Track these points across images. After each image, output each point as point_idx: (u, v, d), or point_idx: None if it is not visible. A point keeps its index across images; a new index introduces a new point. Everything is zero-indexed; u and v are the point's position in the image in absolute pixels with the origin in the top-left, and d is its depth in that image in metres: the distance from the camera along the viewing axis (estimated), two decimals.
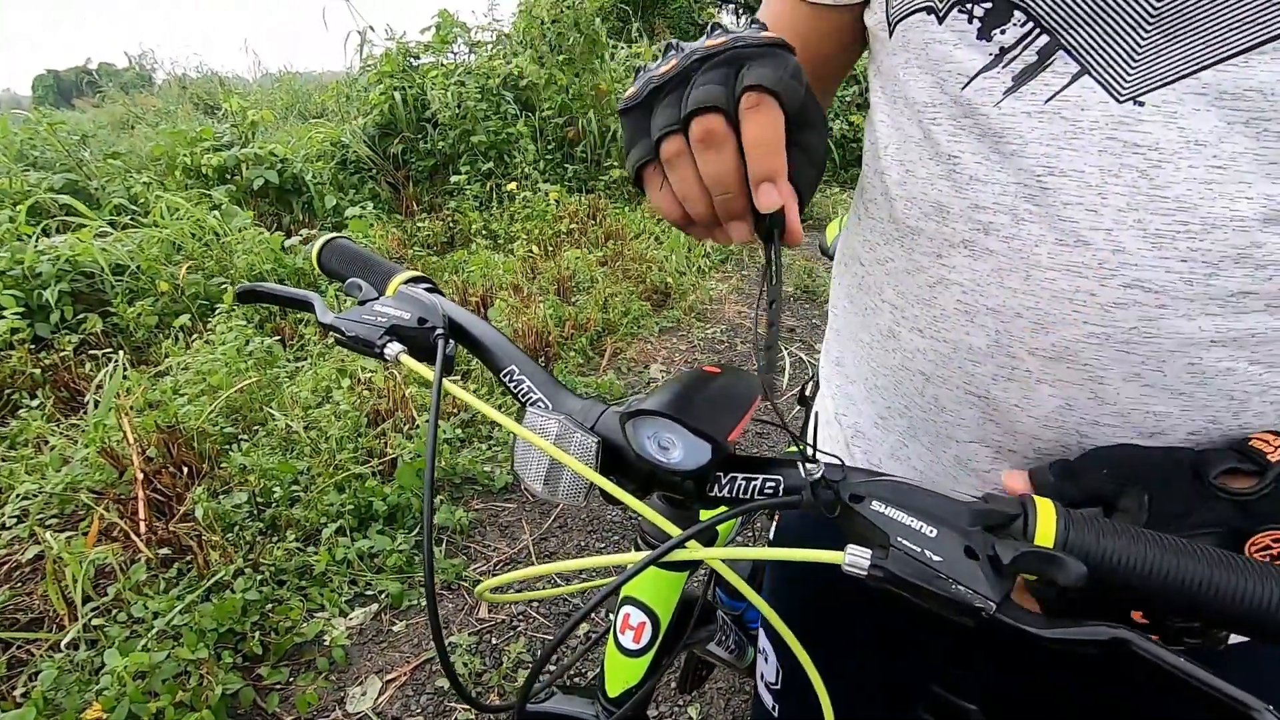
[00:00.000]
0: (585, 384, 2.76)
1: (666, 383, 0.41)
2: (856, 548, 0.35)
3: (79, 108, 10.14)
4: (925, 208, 0.52)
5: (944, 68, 0.49)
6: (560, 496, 0.43)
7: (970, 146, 0.48)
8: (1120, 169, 0.43)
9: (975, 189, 0.48)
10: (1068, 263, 0.46)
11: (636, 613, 0.56)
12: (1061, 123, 0.44)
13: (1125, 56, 0.42)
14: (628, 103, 0.39)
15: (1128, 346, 0.46)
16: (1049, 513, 0.36)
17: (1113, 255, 0.44)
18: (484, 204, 4.57)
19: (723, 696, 1.59)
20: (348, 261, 0.57)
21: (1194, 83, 0.41)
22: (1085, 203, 0.44)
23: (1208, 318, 0.44)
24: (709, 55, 0.37)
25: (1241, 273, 0.43)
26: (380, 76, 5.00)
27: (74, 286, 3.06)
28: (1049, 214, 0.46)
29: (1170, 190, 0.42)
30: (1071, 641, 0.32)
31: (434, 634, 0.40)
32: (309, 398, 2.42)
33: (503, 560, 1.98)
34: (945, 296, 0.52)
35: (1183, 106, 0.41)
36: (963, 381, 0.53)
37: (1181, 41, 0.41)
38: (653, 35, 6.91)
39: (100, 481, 1.98)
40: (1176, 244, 0.43)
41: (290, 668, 1.61)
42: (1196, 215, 0.42)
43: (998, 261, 0.48)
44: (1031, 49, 0.45)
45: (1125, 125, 0.43)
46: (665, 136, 0.38)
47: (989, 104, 0.47)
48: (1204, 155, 0.41)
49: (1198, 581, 0.34)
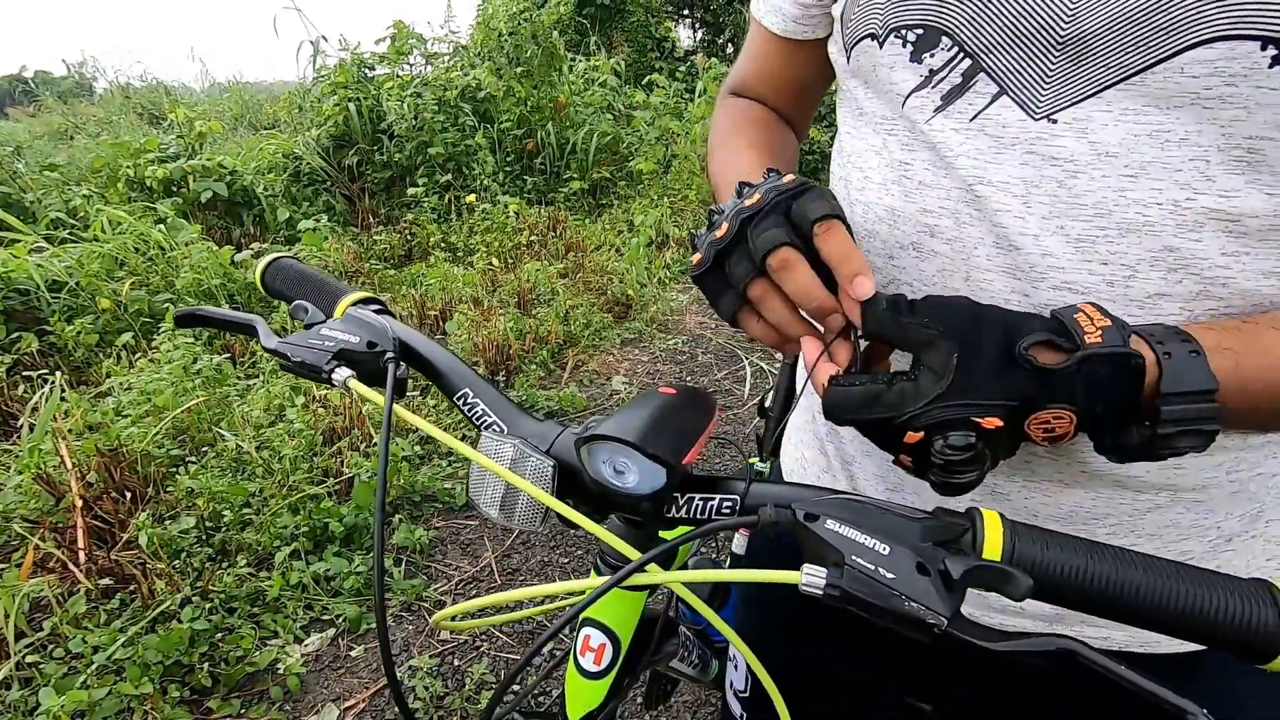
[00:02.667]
0: (547, 397, 2.74)
1: (623, 406, 0.41)
2: (812, 567, 0.35)
3: (13, 117, 9.69)
4: (879, 211, 0.55)
5: (887, 87, 0.53)
6: (516, 521, 0.43)
7: (921, 155, 0.52)
8: (1041, 179, 0.46)
9: (924, 193, 0.52)
10: (1003, 265, 0.49)
11: (596, 634, 0.55)
12: (986, 139, 0.48)
13: (1038, 79, 0.46)
14: (698, 269, 0.47)
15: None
16: (996, 526, 0.37)
17: (1041, 259, 0.47)
18: (442, 216, 4.52)
19: (689, 710, 1.59)
20: (294, 282, 0.55)
21: (1099, 101, 0.44)
22: (1013, 210, 0.47)
23: (1130, 318, 0.46)
24: (755, 212, 0.45)
25: (1157, 275, 0.45)
26: (334, 87, 4.91)
27: (7, 304, 2.92)
28: (985, 219, 0.49)
29: (1088, 198, 0.45)
30: (1020, 654, 0.33)
31: (385, 666, 0.39)
32: (261, 416, 2.35)
33: (465, 579, 1.95)
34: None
35: (1091, 122, 0.44)
36: None
37: (1085, 65, 0.44)
38: (610, 48, 6.96)
39: (35, 510, 1.88)
40: (1097, 248, 0.46)
41: (242, 699, 1.55)
42: (1113, 220, 0.45)
43: (942, 262, 0.51)
44: (956, 71, 0.48)
45: (1042, 140, 0.46)
46: (749, 283, 0.45)
47: (922, 120, 0.51)
48: (1115, 165, 0.44)
49: (1138, 590, 0.35)
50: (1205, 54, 0.40)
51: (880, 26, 0.52)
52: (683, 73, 6.95)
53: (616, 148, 5.45)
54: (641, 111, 5.76)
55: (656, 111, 5.78)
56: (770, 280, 0.45)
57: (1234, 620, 0.34)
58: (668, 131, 5.51)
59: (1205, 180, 0.43)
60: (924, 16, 0.49)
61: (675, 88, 6.36)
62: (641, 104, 5.91)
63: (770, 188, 0.45)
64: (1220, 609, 0.34)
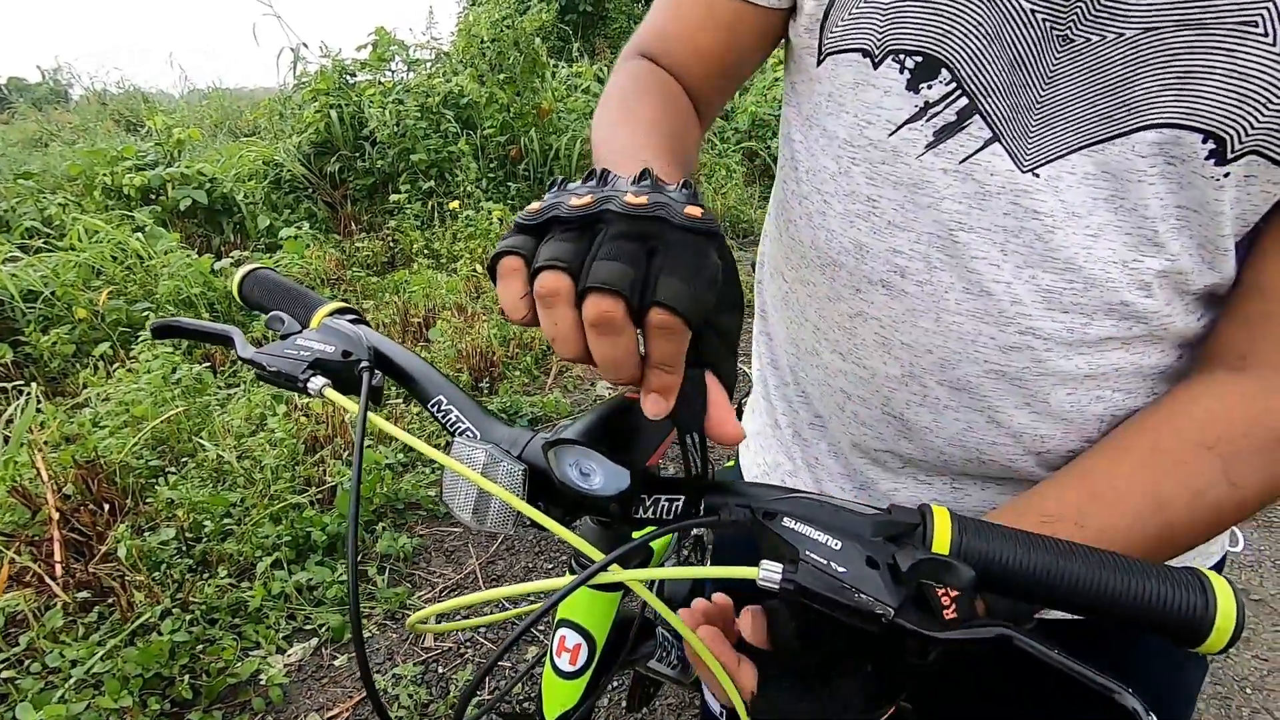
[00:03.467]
0: (531, 403, 2.74)
1: (589, 410, 0.42)
2: (770, 563, 0.37)
3: None
4: (845, 243, 0.55)
5: (873, 111, 0.51)
6: (489, 525, 0.44)
7: (888, 193, 0.52)
8: (1020, 230, 0.48)
9: (894, 234, 0.52)
10: (972, 309, 0.50)
11: (572, 635, 0.56)
12: (973, 184, 0.49)
13: (1024, 132, 0.47)
14: (529, 218, 0.34)
15: (1020, 382, 0.51)
16: (944, 520, 0.39)
17: (1010, 305, 0.49)
18: (426, 223, 4.51)
19: (673, 712, 1.60)
20: (270, 293, 0.56)
21: (1067, 163, 0.46)
22: (989, 258, 0.49)
23: (1082, 357, 0.50)
24: (627, 215, 0.32)
25: (1109, 323, 0.49)
26: (315, 94, 4.89)
27: None
28: (959, 264, 0.50)
29: (1061, 253, 0.47)
30: (961, 641, 0.35)
31: (364, 677, 0.40)
32: (242, 426, 2.33)
33: (449, 587, 1.95)
34: (864, 329, 0.56)
35: (1061, 183, 0.47)
36: (880, 403, 0.57)
37: (1059, 126, 0.46)
38: (593, 55, 6.99)
39: (11, 523, 1.86)
40: (1063, 298, 0.48)
41: (224, 711, 1.54)
42: (1080, 275, 0.47)
43: (912, 303, 0.52)
44: (952, 109, 0.49)
45: (1026, 193, 0.47)
46: (550, 269, 0.32)
47: (912, 155, 0.50)
48: (1080, 225, 0.47)
49: (1078, 579, 0.37)
50: (1155, 136, 0.44)
51: (876, 45, 0.50)
52: None
53: None
54: None
55: None
56: (576, 303, 0.32)
57: (1166, 606, 0.36)
58: None
59: (1153, 246, 0.46)
60: (924, 44, 0.48)
61: None
62: None
63: (665, 203, 0.33)
64: (1154, 596, 0.36)
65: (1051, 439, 0.53)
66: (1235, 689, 1.70)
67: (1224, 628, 0.35)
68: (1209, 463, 0.45)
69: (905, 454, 0.58)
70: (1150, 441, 0.47)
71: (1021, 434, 0.53)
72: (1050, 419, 0.52)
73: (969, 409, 0.53)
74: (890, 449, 0.59)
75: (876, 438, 0.59)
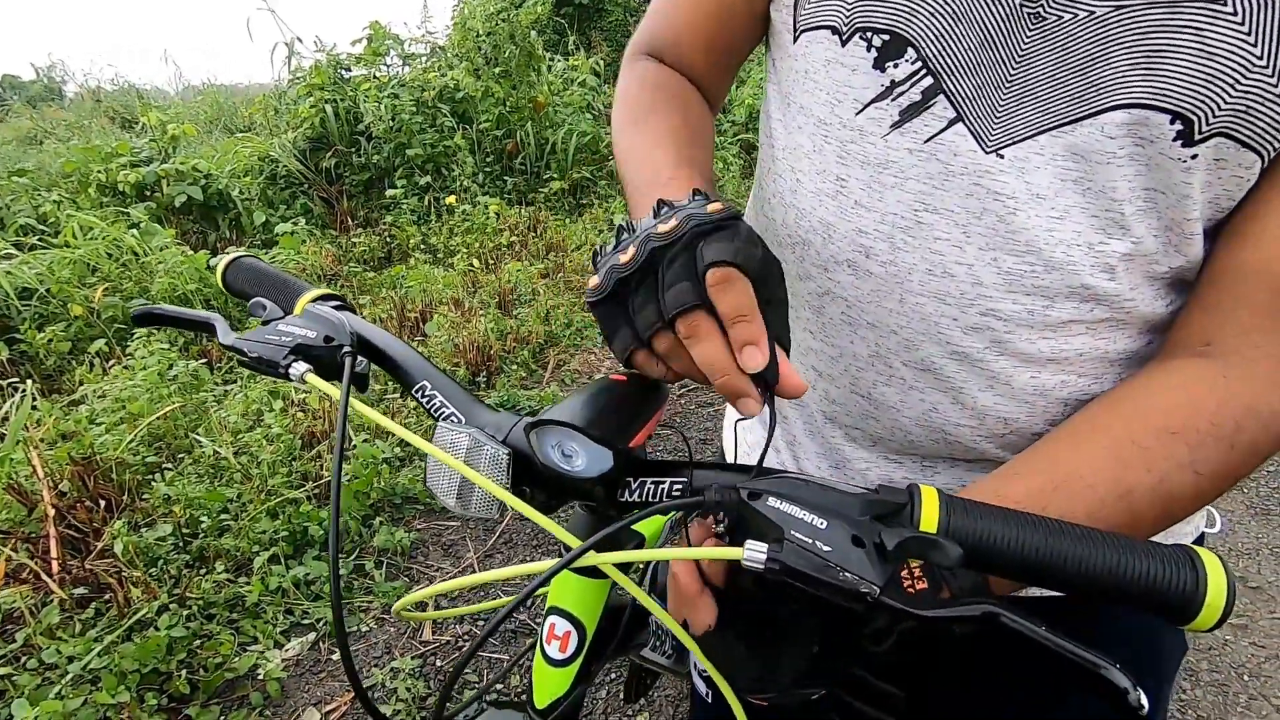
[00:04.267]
0: (529, 397, 2.74)
1: (572, 392, 0.42)
2: (754, 543, 0.36)
3: None
4: (813, 222, 0.55)
5: (842, 89, 0.52)
6: (474, 510, 0.44)
7: (856, 172, 0.52)
8: (983, 212, 0.48)
9: (859, 214, 0.52)
10: (935, 291, 0.50)
11: (561, 622, 0.56)
12: (937, 164, 0.48)
13: (990, 112, 0.47)
14: (595, 295, 0.41)
15: (982, 364, 0.51)
16: (932, 500, 0.38)
17: (972, 288, 0.49)
18: (422, 218, 4.50)
19: (671, 704, 1.60)
20: (254, 280, 0.56)
21: (1034, 144, 0.46)
22: (952, 239, 0.49)
23: (1045, 341, 0.49)
24: (669, 243, 0.39)
25: (1071, 306, 0.48)
26: (310, 89, 4.86)
27: None
28: (922, 246, 0.50)
29: (1022, 235, 0.47)
30: (947, 619, 0.34)
31: (348, 674, 0.40)
32: (239, 421, 2.33)
33: (447, 580, 1.94)
34: (832, 307, 0.56)
35: (1028, 164, 0.46)
36: (849, 382, 0.58)
37: (1028, 106, 0.46)
38: (589, 48, 6.95)
39: (8, 520, 1.86)
40: (1024, 281, 0.48)
41: (221, 705, 1.54)
42: (1041, 258, 0.47)
43: (876, 284, 0.52)
44: (917, 88, 0.49)
45: (989, 174, 0.47)
46: (655, 335, 0.40)
47: (878, 134, 0.50)
48: (1045, 207, 0.46)
49: (1066, 557, 0.37)
50: (1123, 117, 0.43)
51: (844, 22, 0.50)
52: None
53: (596, 147, 5.45)
54: None
55: None
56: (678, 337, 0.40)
57: (1156, 583, 0.36)
58: None
59: (1118, 228, 0.46)
60: (891, 21, 0.48)
61: None
62: None
63: (689, 215, 0.39)
64: (1144, 573, 0.36)
65: (1015, 421, 0.53)
66: (1232, 676, 1.70)
67: (1215, 604, 0.34)
68: (1174, 449, 0.43)
69: (874, 433, 0.58)
70: (1116, 427, 0.46)
71: (985, 415, 0.53)
72: (1014, 401, 0.52)
73: (933, 389, 0.53)
74: (859, 427, 0.60)
75: (847, 415, 0.60)
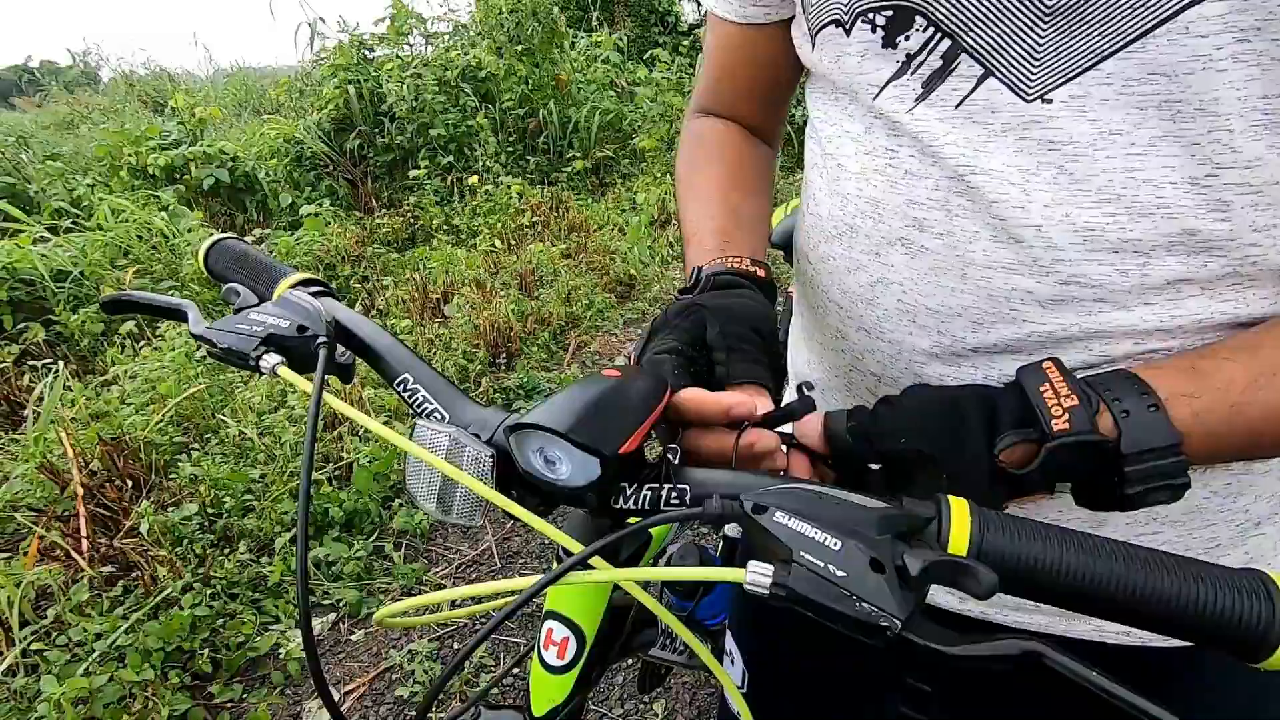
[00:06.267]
0: (549, 379, 2.72)
1: (557, 391, 0.38)
2: (758, 564, 0.32)
3: (19, 107, 9.72)
4: (861, 204, 0.51)
5: (856, 80, 0.49)
6: (455, 516, 0.40)
7: (908, 141, 0.47)
8: (1039, 167, 0.42)
9: (910, 184, 0.47)
10: (1004, 260, 0.44)
11: (559, 628, 0.53)
12: (974, 127, 0.43)
13: (1027, 55, 0.41)
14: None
15: (1069, 343, 0.45)
16: (963, 515, 0.34)
17: (1045, 252, 0.43)
18: (445, 198, 4.48)
19: (688, 691, 1.58)
20: (235, 264, 0.53)
21: (1098, 74, 0.39)
22: (1011, 199, 0.43)
23: (1147, 308, 0.42)
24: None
25: (1175, 260, 0.41)
26: (334, 70, 4.85)
27: (13, 295, 2.93)
28: (980, 209, 0.44)
29: (1092, 183, 0.41)
30: (982, 658, 0.30)
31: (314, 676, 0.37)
32: (263, 403, 2.35)
33: (465, 563, 1.94)
34: (886, 296, 0.51)
35: (1090, 99, 0.40)
36: (912, 380, 0.52)
37: (1079, 35, 0.39)
38: (612, 24, 6.83)
39: (41, 499, 1.90)
40: (1106, 236, 0.41)
41: (243, 684, 1.56)
42: (1122, 205, 0.41)
43: (934, 260, 0.47)
44: (935, 54, 0.44)
45: (1037, 124, 0.41)
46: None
47: (901, 111, 0.46)
48: (1120, 144, 0.40)
49: (1117, 583, 0.32)
50: (1212, 8, 0.36)
51: (845, 11, 0.47)
52: (686, 47, 6.81)
53: (619, 125, 5.38)
54: (644, 88, 5.66)
55: (659, 87, 5.67)
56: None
57: (1222, 614, 0.31)
58: (671, 107, 5.41)
59: (1228, 151, 0.38)
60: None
61: (679, 63, 6.24)
62: (644, 80, 5.81)
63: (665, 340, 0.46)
64: (1207, 602, 0.31)
65: None
66: None
67: None
68: None
69: None
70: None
71: None
72: None
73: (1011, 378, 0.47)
74: None
75: None
